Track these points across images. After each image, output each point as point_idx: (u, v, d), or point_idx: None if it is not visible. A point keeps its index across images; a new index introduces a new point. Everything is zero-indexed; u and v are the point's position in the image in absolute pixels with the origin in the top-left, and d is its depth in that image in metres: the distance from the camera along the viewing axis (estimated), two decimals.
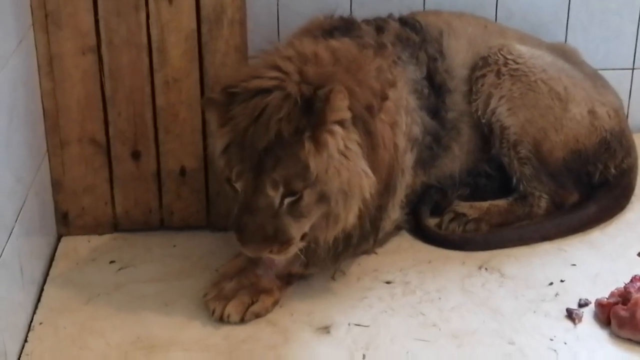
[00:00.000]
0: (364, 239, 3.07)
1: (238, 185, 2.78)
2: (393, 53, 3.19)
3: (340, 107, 2.71)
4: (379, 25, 3.32)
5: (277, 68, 2.80)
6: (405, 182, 3.19)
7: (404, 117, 3.11)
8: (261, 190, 2.72)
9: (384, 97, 2.96)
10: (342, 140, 2.73)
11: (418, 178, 3.29)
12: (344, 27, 3.26)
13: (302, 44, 2.95)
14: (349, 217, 2.83)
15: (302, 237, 2.82)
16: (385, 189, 3.03)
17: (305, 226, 2.80)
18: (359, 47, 3.08)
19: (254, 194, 2.73)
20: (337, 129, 2.72)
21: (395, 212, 3.22)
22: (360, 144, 2.80)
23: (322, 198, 2.75)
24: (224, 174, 2.84)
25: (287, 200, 2.72)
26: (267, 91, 2.73)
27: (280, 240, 2.75)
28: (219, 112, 2.82)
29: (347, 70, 2.87)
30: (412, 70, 3.25)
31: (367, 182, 2.80)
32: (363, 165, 2.79)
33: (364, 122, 2.82)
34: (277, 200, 2.72)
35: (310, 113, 2.69)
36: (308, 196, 2.73)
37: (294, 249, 2.81)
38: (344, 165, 2.73)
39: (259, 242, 2.74)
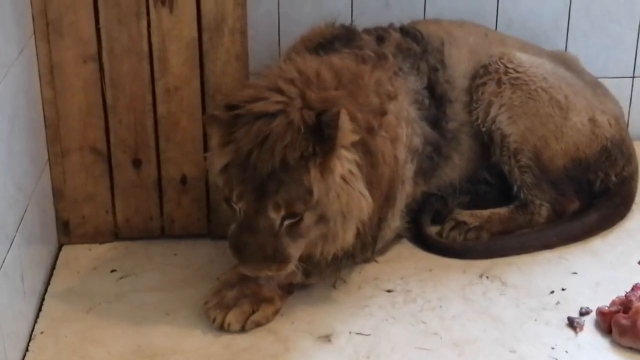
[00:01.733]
0: (364, 250, 3.08)
1: (239, 206, 2.79)
2: (394, 64, 3.19)
3: (348, 129, 2.73)
4: (379, 35, 3.32)
5: (280, 91, 2.80)
6: (405, 192, 3.19)
7: (404, 129, 3.11)
8: (262, 212, 2.74)
9: (383, 113, 2.98)
10: (347, 164, 2.75)
11: (418, 187, 3.29)
12: (346, 36, 3.27)
13: (304, 63, 2.96)
14: (347, 236, 2.85)
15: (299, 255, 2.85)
16: (386, 201, 3.04)
17: (303, 245, 2.83)
18: (357, 61, 3.09)
19: (255, 215, 2.75)
20: (344, 152, 2.75)
21: (395, 221, 3.22)
22: (359, 165, 2.81)
23: (322, 219, 2.77)
24: (222, 193, 2.85)
25: (287, 222, 2.75)
26: (270, 115, 2.73)
27: (279, 260, 2.77)
28: (220, 131, 2.83)
29: (350, 93, 2.88)
30: (412, 80, 3.25)
31: (365, 203, 2.82)
32: (361, 187, 2.81)
33: (364, 144, 2.84)
34: (277, 222, 2.74)
35: (318, 140, 2.70)
36: (308, 218, 2.75)
37: (291, 267, 2.84)
38: (344, 190, 2.75)
39: (259, 261, 2.77)
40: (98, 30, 3.13)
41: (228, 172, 2.80)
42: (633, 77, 4.06)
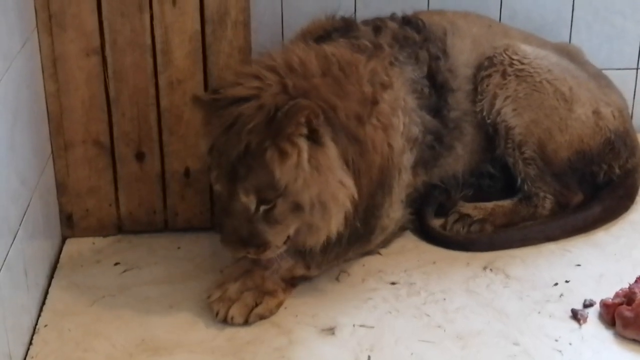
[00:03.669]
0: (358, 238, 3.07)
1: (216, 188, 2.87)
2: (390, 54, 3.19)
3: (300, 122, 2.71)
4: (376, 25, 3.31)
5: (258, 78, 2.83)
6: (403, 181, 3.18)
7: (401, 118, 3.11)
8: (235, 197, 2.79)
9: (375, 102, 2.98)
10: (307, 154, 2.73)
11: (419, 177, 3.28)
12: (344, 27, 3.28)
13: (293, 52, 2.96)
14: (331, 227, 2.85)
15: (285, 242, 2.88)
16: (379, 188, 3.04)
17: (284, 232, 2.85)
18: (353, 51, 3.10)
19: (229, 198, 2.81)
20: (302, 142, 2.73)
21: (395, 211, 3.22)
22: (341, 155, 2.81)
23: (296, 208, 2.79)
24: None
25: (262, 208, 2.78)
26: (244, 100, 2.77)
27: (256, 244, 2.82)
28: (203, 114, 2.92)
29: (335, 81, 2.89)
30: (410, 70, 3.23)
31: (343, 194, 2.81)
32: (341, 176, 2.81)
33: (348, 132, 2.84)
34: (252, 207, 2.79)
35: (271, 123, 2.72)
36: (281, 205, 2.78)
37: (272, 253, 2.87)
38: (314, 179, 2.75)
39: (235, 244, 2.84)
40: (101, 23, 3.13)
41: (211, 155, 2.87)
42: (637, 69, 4.05)
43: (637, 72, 4.05)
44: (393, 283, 3.10)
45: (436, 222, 3.42)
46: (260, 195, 2.76)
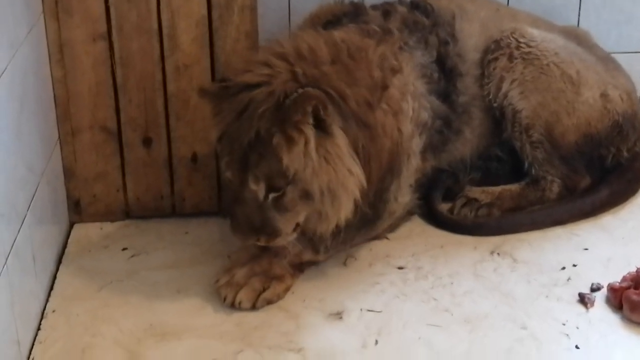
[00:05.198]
0: (367, 223, 3.08)
1: (226, 176, 2.87)
2: (399, 39, 3.18)
3: (307, 111, 2.71)
4: (386, 10, 3.31)
5: (268, 65, 2.83)
6: (412, 166, 3.18)
7: (410, 103, 3.10)
8: (246, 184, 2.79)
9: (385, 87, 2.97)
10: (314, 143, 2.73)
11: (428, 162, 3.28)
12: (353, 12, 3.27)
13: (302, 39, 2.95)
14: (340, 214, 2.85)
15: (295, 229, 2.88)
16: (389, 172, 3.05)
17: (294, 220, 2.86)
18: (362, 35, 3.09)
19: (240, 185, 2.81)
20: (309, 130, 2.73)
21: (403, 196, 3.22)
22: (351, 143, 2.81)
23: (306, 196, 2.80)
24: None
25: (271, 195, 2.78)
26: (254, 86, 2.78)
27: (267, 231, 2.82)
28: (211, 104, 2.91)
29: (345, 68, 2.88)
30: (419, 55, 3.23)
31: (353, 182, 2.81)
32: (350, 165, 2.81)
33: (358, 119, 2.84)
34: (261, 194, 2.79)
35: (280, 110, 2.73)
36: (291, 193, 2.78)
37: (282, 240, 2.88)
38: (323, 168, 2.76)
39: (246, 231, 2.84)
40: (107, 8, 3.13)
41: (221, 143, 2.87)
42: None
43: None
44: (400, 267, 3.10)
45: (444, 207, 3.42)
46: (269, 182, 2.77)
